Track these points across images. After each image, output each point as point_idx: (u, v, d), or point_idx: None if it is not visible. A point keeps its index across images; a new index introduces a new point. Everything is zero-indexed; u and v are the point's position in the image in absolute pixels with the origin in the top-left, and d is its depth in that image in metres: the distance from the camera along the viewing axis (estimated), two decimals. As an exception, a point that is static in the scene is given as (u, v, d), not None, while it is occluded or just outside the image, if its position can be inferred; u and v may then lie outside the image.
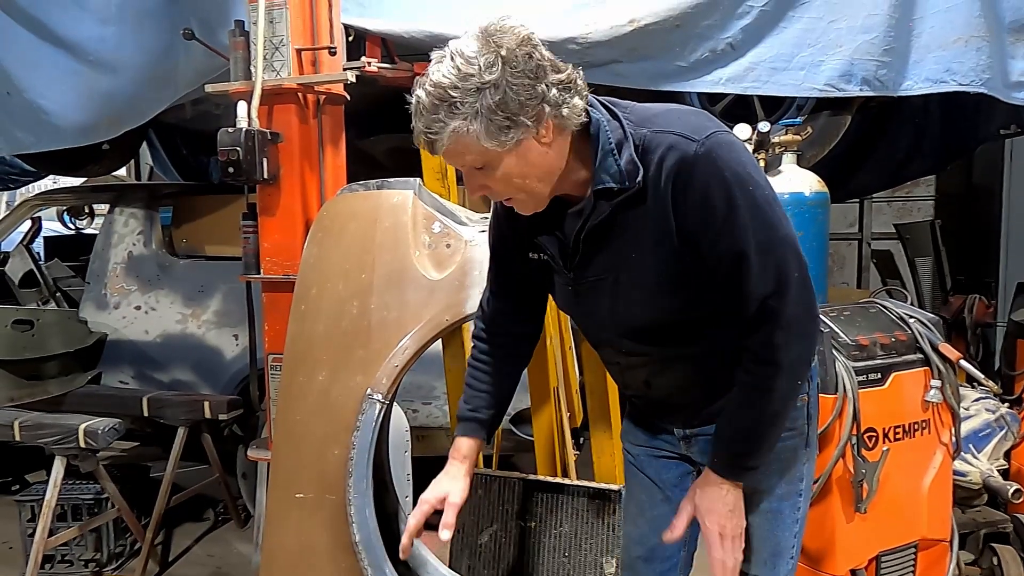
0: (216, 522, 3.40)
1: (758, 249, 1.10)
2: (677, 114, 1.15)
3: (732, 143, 1.11)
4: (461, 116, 1.05)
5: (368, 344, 1.74)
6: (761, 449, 1.23)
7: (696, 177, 1.08)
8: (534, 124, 1.08)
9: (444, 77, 1.06)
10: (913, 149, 3.72)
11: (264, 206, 2.21)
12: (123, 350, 3.37)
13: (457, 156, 1.11)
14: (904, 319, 2.12)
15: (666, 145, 1.09)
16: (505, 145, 1.08)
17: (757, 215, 1.09)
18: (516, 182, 1.12)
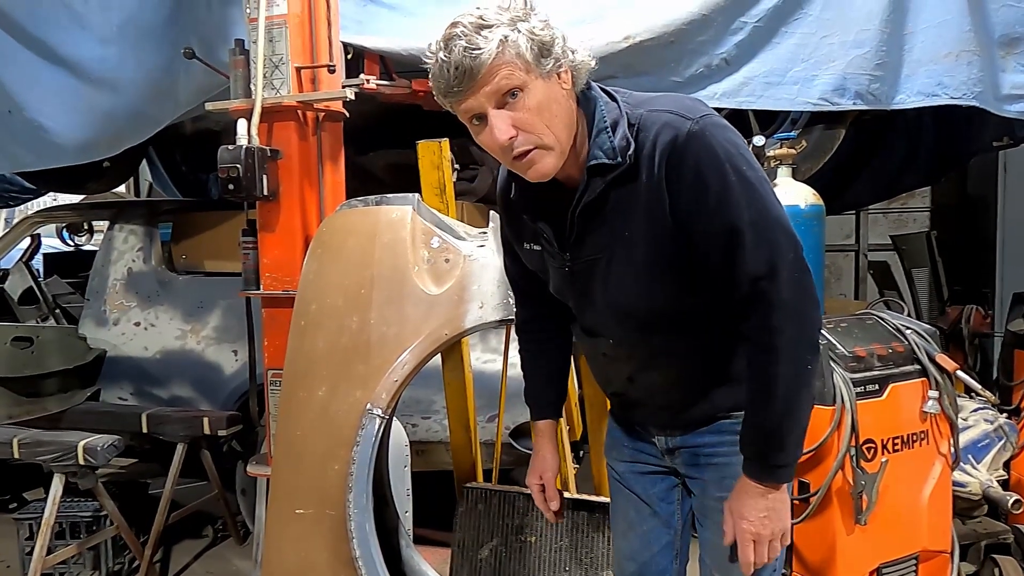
0: (215, 539, 3.39)
1: (751, 226, 1.10)
2: (673, 97, 1.19)
3: (726, 125, 1.14)
4: (506, 29, 1.09)
5: (368, 359, 1.74)
6: (785, 444, 1.18)
7: (689, 154, 1.09)
8: (560, 60, 1.12)
9: (478, 14, 1.10)
10: (907, 161, 3.76)
11: (264, 222, 2.22)
12: (122, 366, 3.37)
13: (492, 79, 1.09)
14: (901, 330, 2.14)
15: (661, 123, 1.12)
16: (543, 68, 1.11)
17: (750, 193, 1.10)
18: (545, 116, 1.12)
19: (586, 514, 1.98)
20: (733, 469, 1.30)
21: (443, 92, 1.14)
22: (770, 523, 1.21)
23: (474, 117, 1.15)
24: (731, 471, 1.30)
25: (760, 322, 1.13)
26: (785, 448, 1.19)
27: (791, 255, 1.11)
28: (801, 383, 1.16)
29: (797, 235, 1.14)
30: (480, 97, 1.12)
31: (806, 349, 1.16)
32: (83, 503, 2.90)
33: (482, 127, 1.15)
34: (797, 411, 1.18)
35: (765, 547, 1.22)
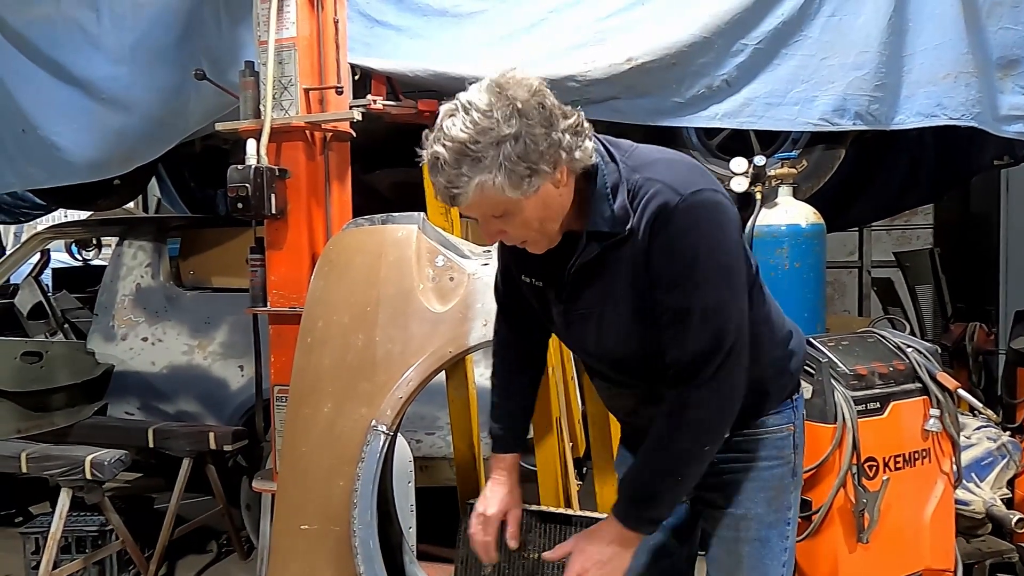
0: (219, 554, 3.39)
1: (702, 311, 1.15)
2: (672, 165, 1.19)
3: (716, 204, 1.15)
4: (485, 169, 1.08)
5: (373, 376, 1.77)
6: (660, 503, 1.24)
7: (671, 226, 1.14)
8: (552, 170, 1.12)
9: (462, 131, 1.08)
10: (909, 179, 3.78)
11: (271, 240, 2.26)
12: (129, 381, 3.40)
13: (478, 207, 1.14)
14: (902, 348, 2.15)
15: (652, 192, 1.15)
16: (527, 193, 1.12)
17: (714, 278, 1.15)
18: (535, 225, 1.17)
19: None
20: (741, 484, 1.34)
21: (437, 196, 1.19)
22: (603, 569, 1.24)
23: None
24: (739, 486, 1.35)
25: (681, 394, 1.19)
26: (659, 506, 1.25)
27: (731, 346, 1.16)
28: (695, 459, 1.22)
29: (745, 326, 1.19)
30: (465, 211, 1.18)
31: (711, 435, 1.21)
32: (89, 517, 2.92)
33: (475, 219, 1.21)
34: (684, 480, 1.24)
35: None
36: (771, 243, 2.38)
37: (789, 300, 2.36)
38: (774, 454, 1.36)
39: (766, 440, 1.36)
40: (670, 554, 1.55)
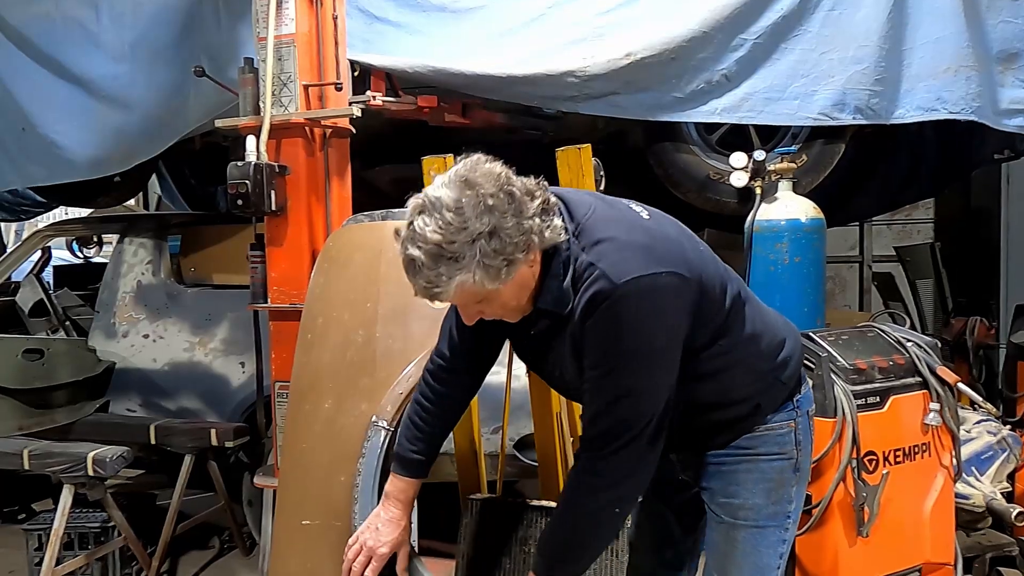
0: (221, 550, 3.40)
1: (617, 395, 1.21)
2: (619, 246, 1.19)
3: (651, 292, 1.16)
4: (463, 269, 1.12)
5: (373, 373, 1.77)
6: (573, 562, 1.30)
7: (599, 313, 1.17)
8: (526, 255, 1.16)
9: (436, 233, 1.11)
10: (910, 173, 3.78)
11: (271, 237, 2.26)
12: (131, 378, 3.40)
13: (459, 299, 1.19)
14: (902, 342, 2.15)
15: (591, 278, 1.18)
16: (505, 282, 1.15)
17: (632, 366, 1.19)
18: (512, 304, 1.22)
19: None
20: (739, 476, 1.37)
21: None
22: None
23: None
24: (737, 478, 1.37)
25: (592, 460, 1.25)
26: (575, 564, 1.32)
27: (641, 429, 1.21)
28: (606, 522, 1.28)
29: (662, 409, 1.22)
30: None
31: (620, 502, 1.27)
32: (91, 514, 2.93)
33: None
34: (598, 540, 1.31)
35: None
36: (771, 238, 2.38)
37: (789, 295, 2.37)
38: (775, 450, 1.37)
39: (766, 436, 1.37)
40: (675, 543, 1.57)
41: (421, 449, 1.48)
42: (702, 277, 1.25)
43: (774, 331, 1.39)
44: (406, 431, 1.50)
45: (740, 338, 1.32)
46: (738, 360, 1.32)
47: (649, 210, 1.31)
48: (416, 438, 1.48)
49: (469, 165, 1.16)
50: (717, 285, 1.29)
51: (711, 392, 1.33)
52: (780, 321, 1.44)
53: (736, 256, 3.07)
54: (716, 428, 1.37)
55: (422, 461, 1.49)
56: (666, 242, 1.23)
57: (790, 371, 1.39)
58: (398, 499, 1.49)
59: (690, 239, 1.31)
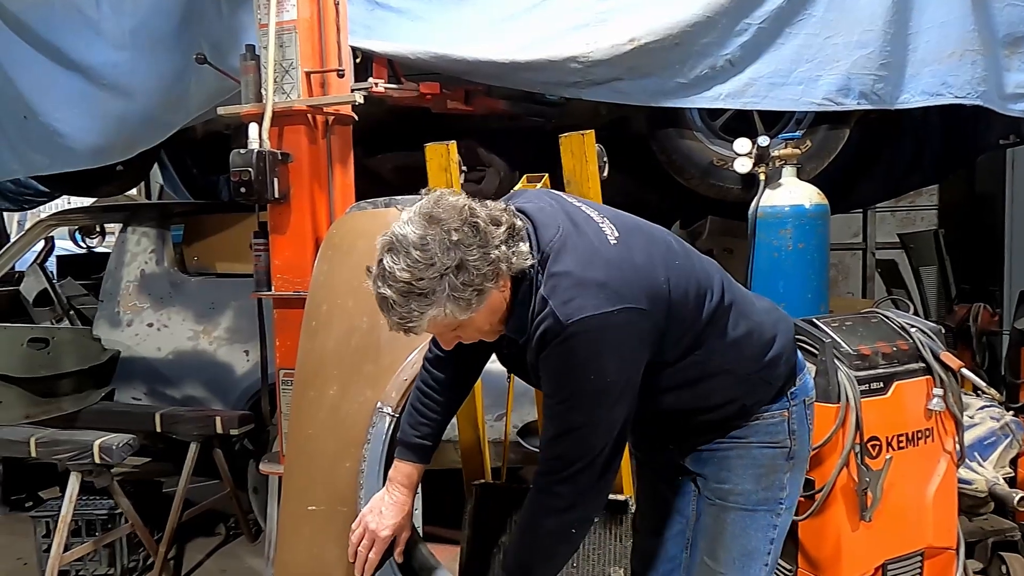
0: (227, 537, 3.43)
1: (568, 428, 1.23)
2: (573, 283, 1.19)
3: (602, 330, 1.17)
4: (435, 304, 1.15)
5: (378, 359, 1.77)
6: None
7: (549, 351, 1.21)
8: (495, 283, 1.18)
9: (404, 271, 1.14)
10: (914, 160, 3.76)
11: (275, 224, 2.26)
12: (136, 367, 3.42)
13: (433, 330, 1.23)
14: (905, 328, 2.15)
15: (543, 315, 1.20)
16: (476, 310, 1.18)
17: (582, 403, 1.21)
18: (485, 328, 1.26)
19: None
20: (731, 462, 1.38)
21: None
22: None
23: None
24: (728, 463, 1.39)
25: (548, 482, 1.27)
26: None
27: (591, 459, 1.23)
28: (564, 540, 1.31)
29: (613, 440, 1.24)
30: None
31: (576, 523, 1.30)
32: (98, 501, 2.95)
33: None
34: (557, 557, 1.35)
35: None
36: (774, 224, 2.38)
37: (792, 282, 2.37)
38: (766, 439, 1.39)
39: (758, 426, 1.39)
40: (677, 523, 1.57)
41: (424, 434, 1.50)
42: (671, 298, 1.24)
43: (762, 331, 1.38)
44: (409, 417, 1.53)
45: (719, 347, 1.32)
46: (717, 368, 1.33)
47: (622, 227, 1.28)
48: (419, 424, 1.51)
49: (432, 200, 1.19)
50: (692, 299, 1.28)
51: (689, 400, 1.35)
52: (771, 317, 1.43)
53: (739, 243, 3.08)
54: (702, 428, 1.40)
55: (426, 446, 1.51)
56: (627, 272, 1.21)
57: (780, 369, 1.39)
58: (402, 484, 1.51)
59: (664, 255, 1.28)
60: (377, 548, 1.50)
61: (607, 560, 1.98)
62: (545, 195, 1.35)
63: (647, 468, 1.57)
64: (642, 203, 2.97)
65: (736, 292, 1.38)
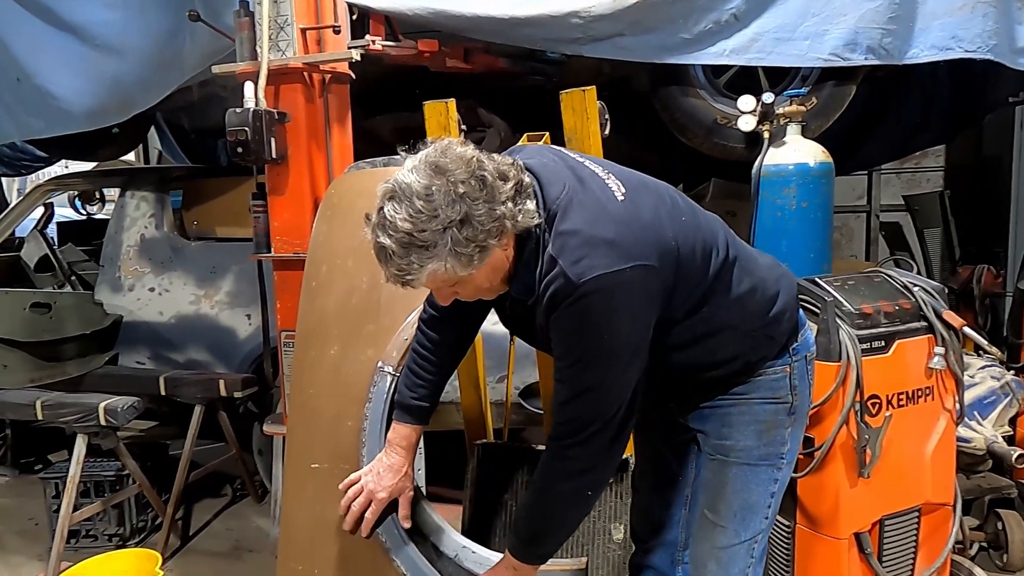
0: (234, 497, 3.48)
1: (582, 389, 1.21)
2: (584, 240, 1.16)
3: (614, 289, 1.15)
4: (435, 257, 1.11)
5: (378, 319, 1.77)
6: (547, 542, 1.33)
7: (560, 311, 1.18)
8: (498, 241, 1.15)
9: (406, 221, 1.10)
10: (921, 119, 3.70)
11: (273, 186, 2.24)
12: (139, 331, 3.43)
13: (431, 285, 1.19)
14: (908, 287, 2.13)
15: (552, 275, 1.17)
16: (477, 267, 1.15)
17: (596, 362, 1.19)
18: (485, 286, 1.23)
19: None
20: (732, 418, 1.39)
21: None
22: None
23: None
24: (730, 420, 1.39)
25: (561, 446, 1.25)
26: (547, 544, 1.35)
27: (607, 420, 1.22)
28: (577, 504, 1.30)
29: (627, 399, 1.23)
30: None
31: (590, 486, 1.29)
32: (106, 463, 2.99)
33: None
34: (569, 522, 1.34)
35: None
36: (778, 183, 2.34)
37: (796, 241, 2.35)
38: (768, 394, 1.39)
39: (760, 382, 1.39)
40: (675, 483, 1.59)
41: (422, 395, 1.50)
42: (679, 255, 1.23)
43: (765, 287, 1.37)
44: (406, 379, 1.53)
45: (725, 303, 1.31)
46: (723, 324, 1.32)
47: (627, 183, 1.26)
48: (416, 385, 1.50)
49: (440, 149, 1.15)
50: (699, 256, 1.27)
51: (696, 356, 1.34)
52: (774, 272, 1.42)
53: (743, 206, 3.04)
54: (706, 385, 1.39)
55: (423, 407, 1.51)
56: (636, 230, 1.19)
57: (783, 325, 1.39)
58: (400, 446, 1.50)
59: (671, 211, 1.26)
60: (374, 509, 1.50)
61: (607, 517, 2.01)
62: (548, 151, 1.33)
63: (647, 427, 1.58)
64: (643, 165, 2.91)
65: (740, 248, 1.37)
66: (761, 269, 1.39)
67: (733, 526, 1.41)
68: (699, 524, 1.47)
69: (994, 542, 2.58)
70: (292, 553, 1.79)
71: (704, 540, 1.45)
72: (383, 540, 1.62)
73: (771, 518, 1.43)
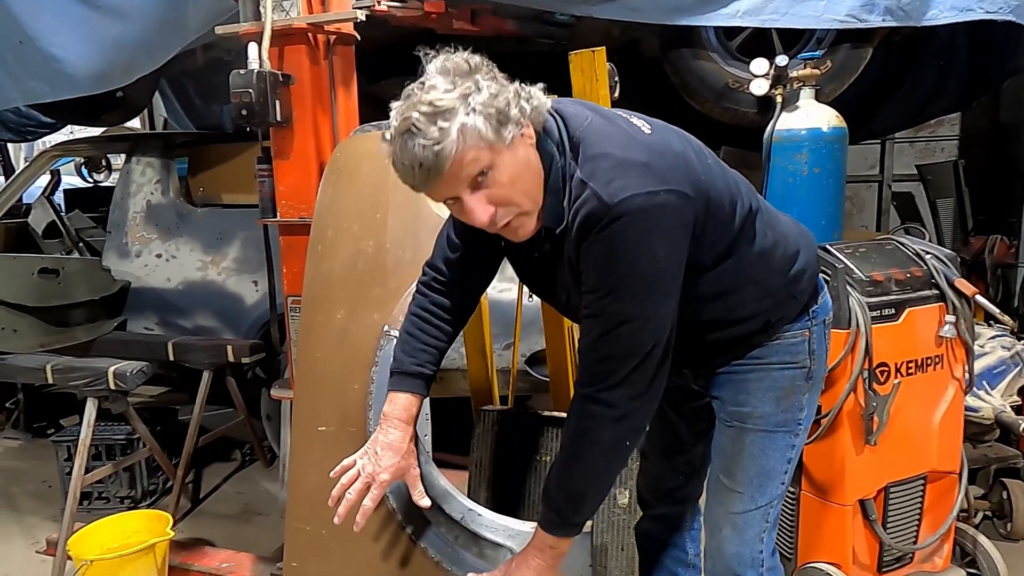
0: (243, 462, 3.53)
1: (619, 321, 1.15)
2: (614, 163, 1.13)
3: (645, 211, 1.10)
4: (462, 115, 1.07)
5: (384, 283, 1.77)
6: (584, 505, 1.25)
7: (594, 236, 1.13)
8: (520, 118, 1.12)
9: (426, 94, 1.09)
10: (938, 85, 3.62)
11: (278, 149, 2.21)
12: (146, 297, 3.45)
13: (460, 169, 1.10)
14: (920, 255, 2.11)
15: (583, 198, 1.13)
16: (506, 140, 1.11)
17: (633, 290, 1.13)
18: (519, 184, 1.14)
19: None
20: (749, 384, 1.36)
21: (411, 186, 1.15)
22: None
23: (448, 199, 1.16)
24: (747, 386, 1.37)
25: (597, 392, 1.18)
26: (584, 508, 1.26)
27: (646, 353, 1.16)
28: (617, 455, 1.22)
29: (666, 332, 1.18)
30: (451, 185, 1.12)
31: (630, 433, 1.21)
32: (117, 427, 3.03)
33: (458, 206, 1.16)
34: (608, 476, 1.25)
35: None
36: (790, 148, 2.30)
37: (807, 208, 2.31)
38: (787, 359, 1.36)
39: (779, 346, 1.36)
40: (685, 450, 1.59)
41: (423, 361, 1.41)
42: (709, 195, 1.19)
43: (786, 244, 1.35)
44: (403, 345, 1.43)
45: (748, 257, 1.28)
46: (746, 279, 1.29)
47: (652, 123, 1.23)
48: (416, 350, 1.41)
49: (447, 55, 1.15)
50: (727, 202, 1.23)
51: (717, 311, 1.30)
52: (795, 231, 1.39)
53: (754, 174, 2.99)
54: (726, 345, 1.36)
55: (425, 374, 1.41)
56: (668, 157, 1.16)
57: (804, 284, 1.36)
58: (399, 419, 1.39)
59: (698, 153, 1.24)
60: (375, 495, 1.37)
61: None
62: (563, 99, 1.30)
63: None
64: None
65: (762, 202, 1.35)
66: (783, 226, 1.37)
67: (749, 492, 1.39)
68: (714, 489, 1.46)
69: (998, 511, 2.59)
70: (299, 514, 1.81)
71: (719, 505, 1.44)
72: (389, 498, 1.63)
73: (787, 483, 1.42)
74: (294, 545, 1.82)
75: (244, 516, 3.05)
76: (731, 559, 1.43)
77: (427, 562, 1.63)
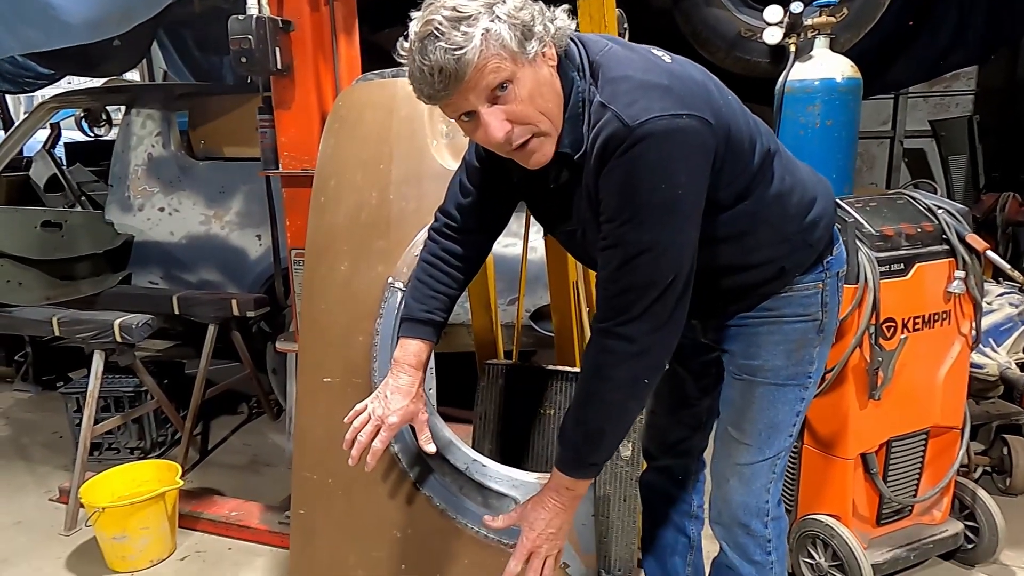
0: (250, 415, 3.58)
1: (639, 249, 1.11)
2: (634, 86, 1.10)
3: (668, 134, 1.06)
4: (487, 21, 1.04)
5: (388, 234, 1.75)
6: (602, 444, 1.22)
7: (614, 159, 1.09)
8: (542, 37, 1.09)
9: (451, 3, 1.05)
10: (956, 37, 3.52)
11: (279, 99, 2.17)
12: (150, 251, 3.44)
13: (481, 78, 1.06)
14: (932, 210, 2.08)
15: (604, 121, 1.09)
16: (528, 54, 1.08)
17: (654, 215, 1.09)
18: (537, 102, 1.11)
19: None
20: (760, 338, 1.35)
21: (426, 96, 1.10)
22: (550, 543, 1.28)
23: (463, 114, 1.12)
24: (758, 339, 1.35)
25: (615, 327, 1.14)
26: (602, 448, 1.23)
27: (669, 282, 1.12)
28: (636, 392, 1.18)
29: (688, 261, 1.14)
30: (469, 96, 1.08)
31: (650, 368, 1.17)
32: (124, 379, 3.06)
33: (473, 123, 1.12)
34: (627, 415, 1.21)
35: (538, 562, 1.28)
36: (803, 99, 2.25)
37: (817, 160, 2.27)
38: (799, 311, 1.35)
39: (792, 298, 1.34)
40: (692, 404, 1.59)
41: (432, 307, 1.40)
42: (730, 128, 1.16)
43: (803, 189, 1.32)
44: (414, 292, 1.43)
45: (766, 198, 1.25)
46: (762, 222, 1.26)
47: (672, 56, 1.21)
48: (427, 297, 1.41)
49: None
50: (746, 139, 1.20)
51: (732, 255, 1.28)
52: (812, 178, 1.36)
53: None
54: (738, 292, 1.33)
55: (436, 320, 1.41)
56: (690, 84, 1.13)
57: (819, 232, 1.33)
58: (409, 364, 1.40)
59: (718, 86, 1.20)
60: (384, 437, 1.37)
61: (616, 434, 2.03)
62: None
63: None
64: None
65: (780, 146, 1.32)
66: (801, 171, 1.34)
67: (757, 444, 1.39)
68: (722, 441, 1.45)
69: (999, 466, 2.61)
70: (306, 463, 1.83)
71: (726, 456, 1.44)
72: (394, 447, 1.65)
73: (795, 436, 1.42)
74: (301, 493, 1.84)
75: (252, 467, 3.10)
76: (737, 508, 1.44)
77: (432, 510, 1.65)
